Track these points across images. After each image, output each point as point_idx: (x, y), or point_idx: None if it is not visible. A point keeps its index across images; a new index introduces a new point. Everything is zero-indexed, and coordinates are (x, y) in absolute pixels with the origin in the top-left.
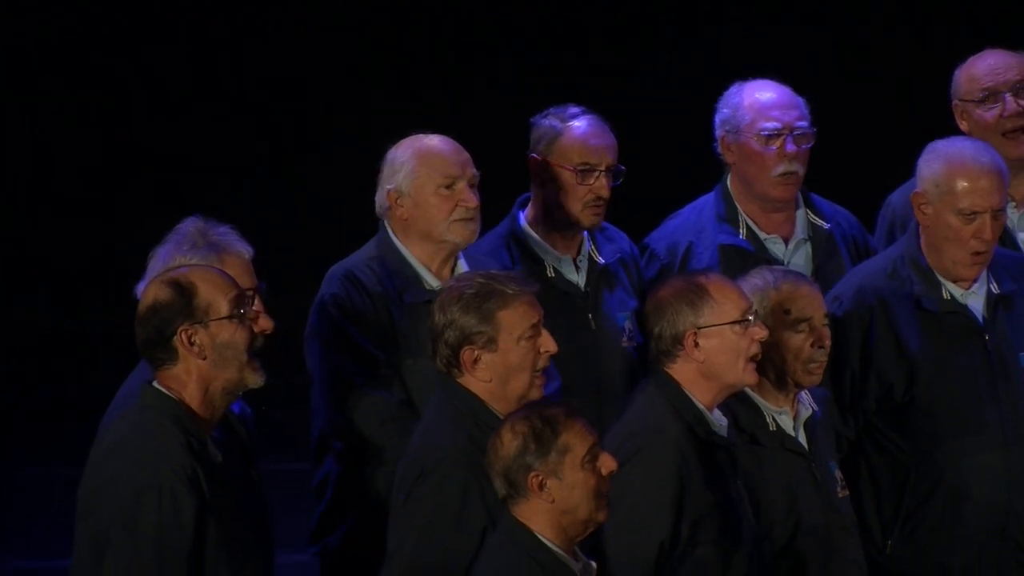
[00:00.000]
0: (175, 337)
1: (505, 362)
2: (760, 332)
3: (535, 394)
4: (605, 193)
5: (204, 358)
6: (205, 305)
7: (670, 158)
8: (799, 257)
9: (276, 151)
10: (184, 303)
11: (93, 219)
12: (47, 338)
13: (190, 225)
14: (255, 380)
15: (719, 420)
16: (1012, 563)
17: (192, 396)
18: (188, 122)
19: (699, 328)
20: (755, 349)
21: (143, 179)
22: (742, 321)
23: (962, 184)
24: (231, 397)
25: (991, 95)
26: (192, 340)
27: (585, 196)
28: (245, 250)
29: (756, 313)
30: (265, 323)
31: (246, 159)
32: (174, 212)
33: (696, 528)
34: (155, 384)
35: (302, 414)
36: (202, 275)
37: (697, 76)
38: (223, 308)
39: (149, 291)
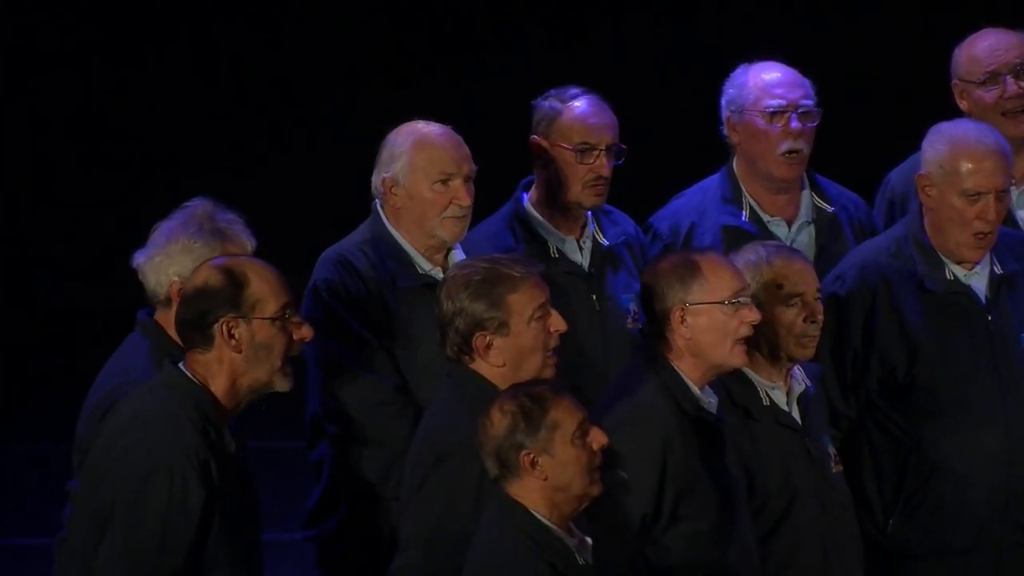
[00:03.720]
0: (216, 325)
1: (518, 345)
2: (751, 315)
3: (547, 374)
4: (605, 172)
5: (239, 352)
6: (253, 301)
7: (673, 141)
8: (802, 239)
9: (269, 138)
10: (233, 293)
11: (90, 200)
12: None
13: (198, 207)
14: (283, 385)
15: (708, 397)
16: (1013, 544)
17: (218, 386)
18: (182, 107)
19: (687, 305)
20: (744, 331)
21: (137, 164)
22: (731, 302)
23: (966, 165)
24: (255, 395)
25: (992, 77)
26: (232, 332)
27: (585, 176)
28: (249, 241)
29: (751, 296)
30: (306, 331)
31: (239, 147)
32: (167, 194)
33: (679, 502)
34: (180, 366)
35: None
36: (257, 271)
37: (700, 52)
38: (270, 308)
39: (201, 273)
